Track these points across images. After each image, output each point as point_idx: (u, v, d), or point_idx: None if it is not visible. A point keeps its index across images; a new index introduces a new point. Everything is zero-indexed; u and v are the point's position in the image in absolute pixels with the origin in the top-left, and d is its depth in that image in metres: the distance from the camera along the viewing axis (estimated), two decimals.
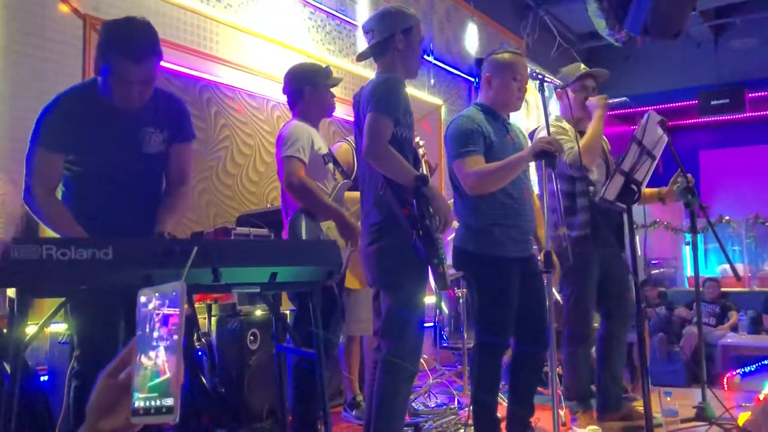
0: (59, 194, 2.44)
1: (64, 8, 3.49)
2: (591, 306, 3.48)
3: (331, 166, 3.22)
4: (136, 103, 2.34)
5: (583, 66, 3.63)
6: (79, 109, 2.33)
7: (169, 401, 0.76)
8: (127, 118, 2.38)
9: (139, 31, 2.23)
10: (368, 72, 2.90)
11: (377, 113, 2.57)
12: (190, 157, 2.64)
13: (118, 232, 2.26)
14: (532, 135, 3.59)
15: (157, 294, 0.81)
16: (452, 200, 3.14)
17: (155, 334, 0.78)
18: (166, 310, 0.79)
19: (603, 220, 3.31)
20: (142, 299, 0.82)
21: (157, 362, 0.77)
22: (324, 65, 3.33)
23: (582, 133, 3.45)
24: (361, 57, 2.93)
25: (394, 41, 2.73)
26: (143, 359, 0.78)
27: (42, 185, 2.33)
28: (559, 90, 3.55)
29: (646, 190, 3.72)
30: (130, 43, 2.20)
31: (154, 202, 2.51)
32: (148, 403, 0.77)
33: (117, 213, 2.37)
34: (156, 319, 0.79)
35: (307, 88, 3.19)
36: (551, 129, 3.43)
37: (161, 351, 0.77)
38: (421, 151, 3.68)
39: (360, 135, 2.70)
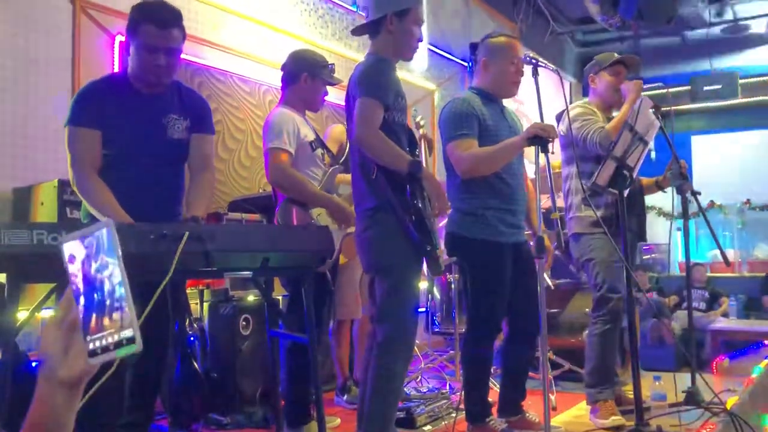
0: None
1: None
2: (621, 282, 3.24)
3: (319, 151, 3.20)
4: (162, 76, 2.47)
5: (616, 54, 3.64)
6: (110, 91, 2.48)
7: (127, 332, 0.76)
8: (154, 103, 2.52)
9: (165, 5, 2.48)
10: (362, 57, 2.87)
11: (366, 98, 2.53)
12: (211, 148, 2.74)
13: (141, 215, 2.30)
14: (559, 118, 3.59)
15: (86, 242, 0.78)
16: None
17: (116, 295, 0.77)
18: (116, 272, 0.77)
19: (627, 205, 3.21)
20: (68, 252, 0.79)
21: (123, 323, 0.76)
22: (330, 63, 3.31)
23: (610, 120, 3.48)
24: (355, 32, 2.89)
25: (387, 22, 2.66)
26: (106, 321, 0.77)
27: (84, 166, 2.39)
28: (591, 75, 3.58)
29: (645, 180, 3.73)
30: (156, 11, 2.43)
31: (175, 188, 2.62)
32: (105, 341, 0.76)
33: (141, 195, 2.43)
34: (114, 282, 0.77)
35: (304, 75, 3.18)
36: (580, 109, 3.46)
37: (127, 310, 0.76)
38: (422, 131, 3.67)
39: (351, 119, 2.66)
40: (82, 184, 2.38)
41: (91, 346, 0.77)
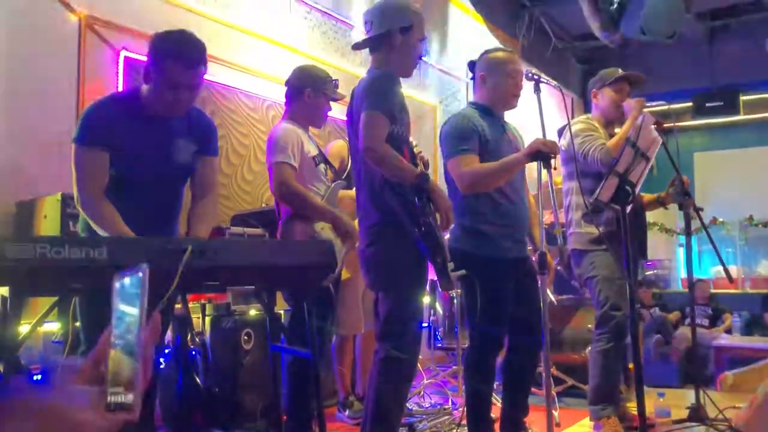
0: None
1: (59, 7, 3.47)
2: (623, 299, 3.25)
3: (322, 167, 3.22)
4: (181, 110, 2.46)
5: (620, 70, 3.64)
6: (120, 112, 2.43)
7: (129, 397, 0.72)
8: (163, 127, 2.49)
9: (191, 40, 2.41)
10: (365, 72, 2.86)
11: (372, 111, 2.50)
12: (216, 170, 2.75)
13: (141, 231, 2.30)
14: (560, 132, 3.60)
15: (127, 283, 0.76)
16: None
17: (115, 333, 0.74)
18: (123, 307, 0.74)
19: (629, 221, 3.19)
20: (117, 285, 0.77)
21: (132, 384, 0.73)
22: (334, 78, 3.33)
23: (612, 137, 3.48)
24: (356, 46, 2.89)
25: (391, 38, 2.65)
26: (123, 375, 0.73)
27: (90, 185, 2.36)
28: (594, 90, 3.59)
29: (647, 197, 3.74)
30: (184, 49, 2.37)
31: (175, 210, 2.62)
32: (120, 399, 0.72)
33: (141, 216, 2.41)
34: (133, 335, 0.73)
35: (308, 90, 3.20)
36: (582, 125, 3.47)
37: (118, 352, 0.73)
38: (416, 150, 3.69)
39: (354, 133, 2.64)
40: (89, 205, 2.36)
41: (108, 398, 0.72)
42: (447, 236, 3.23)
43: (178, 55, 2.34)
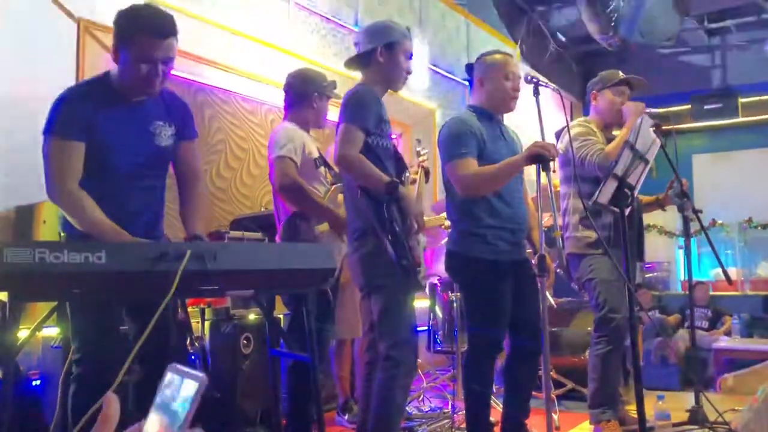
0: None
1: (57, 11, 3.47)
2: (622, 302, 3.24)
3: (322, 169, 3.23)
4: (157, 85, 2.35)
5: (621, 73, 3.64)
6: (94, 98, 2.34)
7: None
8: (141, 110, 2.41)
9: (159, 11, 2.36)
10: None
11: (347, 124, 2.65)
12: (197, 155, 2.67)
13: (127, 228, 2.26)
14: (558, 135, 3.60)
15: (178, 378, 0.76)
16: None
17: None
18: (168, 403, 0.74)
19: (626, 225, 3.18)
20: (166, 377, 0.76)
21: None
22: (332, 79, 3.38)
23: (609, 140, 3.48)
24: (348, 64, 2.99)
25: (376, 55, 2.80)
26: None
27: (71, 180, 2.26)
28: (594, 92, 3.59)
29: (645, 198, 3.73)
30: (154, 21, 2.30)
31: (159, 196, 2.54)
32: None
33: (127, 206, 2.37)
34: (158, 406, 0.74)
35: (315, 95, 3.25)
36: (580, 128, 3.46)
37: None
38: (421, 159, 3.73)
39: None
40: (70, 200, 2.27)
41: None
42: (445, 240, 3.23)
43: (149, 27, 2.27)
